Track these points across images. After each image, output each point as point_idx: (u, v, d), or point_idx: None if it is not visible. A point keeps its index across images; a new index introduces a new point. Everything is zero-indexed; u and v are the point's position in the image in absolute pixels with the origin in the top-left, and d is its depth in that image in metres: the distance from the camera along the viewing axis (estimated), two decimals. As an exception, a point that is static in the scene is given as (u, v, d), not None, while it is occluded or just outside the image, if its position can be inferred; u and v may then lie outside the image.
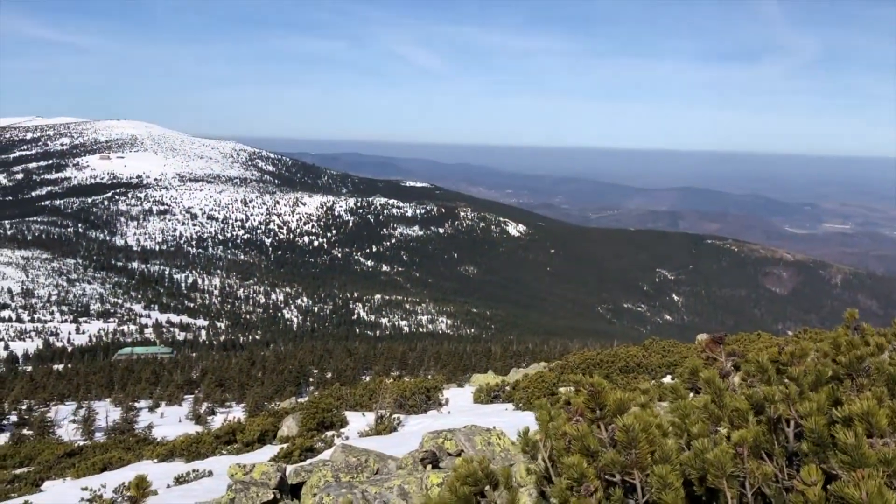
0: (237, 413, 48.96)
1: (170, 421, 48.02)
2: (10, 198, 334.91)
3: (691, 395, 4.40)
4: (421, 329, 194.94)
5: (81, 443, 33.17)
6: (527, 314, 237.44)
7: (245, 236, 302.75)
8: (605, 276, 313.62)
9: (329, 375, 71.92)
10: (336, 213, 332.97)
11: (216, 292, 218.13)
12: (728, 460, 3.20)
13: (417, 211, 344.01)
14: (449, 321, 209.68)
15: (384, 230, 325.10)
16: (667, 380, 20.24)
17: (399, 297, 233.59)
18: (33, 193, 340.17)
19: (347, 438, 16.16)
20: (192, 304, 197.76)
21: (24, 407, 53.11)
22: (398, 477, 7.05)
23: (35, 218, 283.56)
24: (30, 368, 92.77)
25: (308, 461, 12.17)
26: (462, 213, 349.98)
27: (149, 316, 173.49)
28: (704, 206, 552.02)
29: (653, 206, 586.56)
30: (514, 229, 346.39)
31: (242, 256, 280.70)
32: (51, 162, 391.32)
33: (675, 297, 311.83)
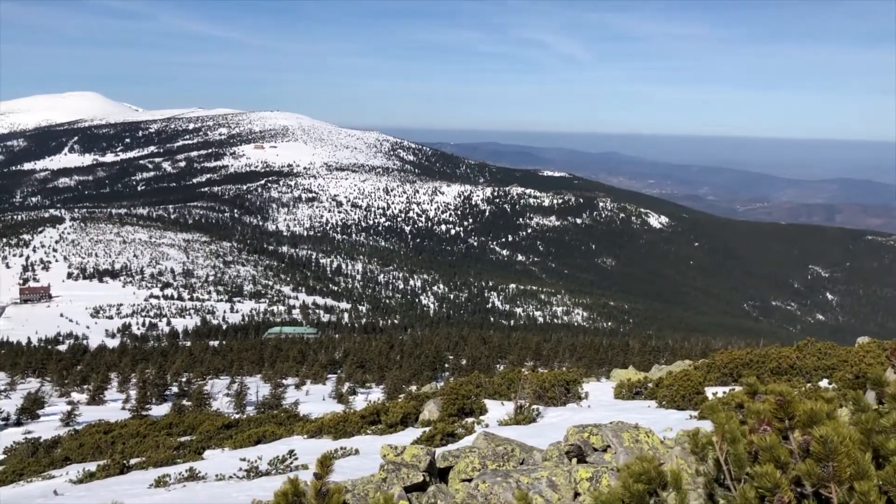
0: (377, 394, 50.53)
1: (314, 398, 50.10)
2: (174, 184, 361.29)
3: (872, 403, 4.11)
4: (556, 320, 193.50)
5: (235, 416, 35.33)
6: (667, 309, 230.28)
7: (386, 224, 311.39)
8: (752, 272, 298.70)
9: (464, 362, 72.79)
10: (473, 203, 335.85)
11: (358, 277, 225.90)
12: (942, 481, 2.89)
13: (555, 201, 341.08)
14: (585, 313, 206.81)
15: (520, 220, 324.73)
16: (823, 383, 19.08)
17: (534, 288, 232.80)
18: (194, 180, 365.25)
19: (487, 426, 16.30)
20: (336, 288, 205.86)
21: (184, 379, 57.18)
22: (545, 468, 7.04)
23: (195, 203, 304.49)
24: (189, 343, 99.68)
25: (452, 446, 12.39)
26: (601, 204, 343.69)
27: (296, 297, 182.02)
28: (865, 200, 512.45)
29: (806, 198, 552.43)
30: (656, 221, 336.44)
31: (383, 243, 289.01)
32: (210, 151, 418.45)
33: (830, 296, 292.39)
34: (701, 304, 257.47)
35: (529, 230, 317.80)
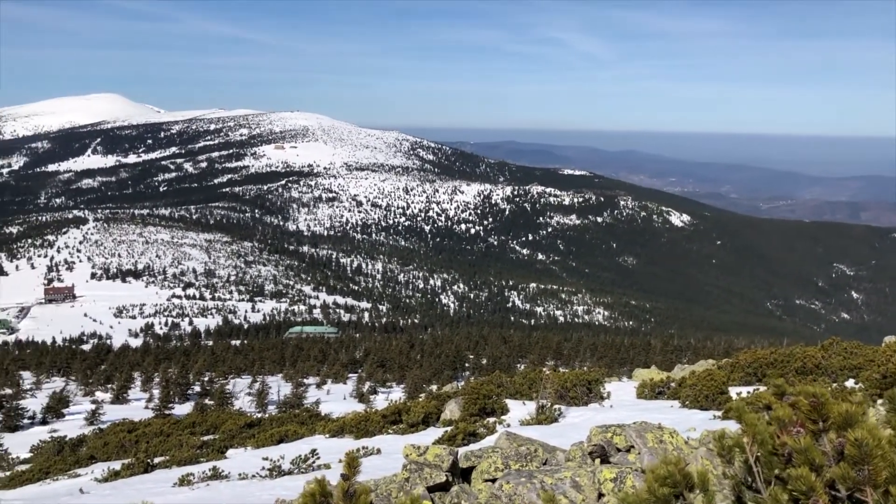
0: (397, 393, 50.59)
1: (335, 398, 50.29)
2: (196, 185, 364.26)
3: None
4: (577, 319, 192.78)
5: (257, 415, 35.55)
6: (689, 308, 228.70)
7: (406, 223, 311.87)
8: (775, 271, 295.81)
9: (484, 362, 72.75)
10: (493, 202, 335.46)
11: (378, 276, 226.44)
12: None
13: (575, 199, 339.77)
14: (606, 312, 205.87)
15: (540, 218, 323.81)
16: (849, 384, 18.85)
17: (554, 287, 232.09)
18: (215, 181, 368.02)
19: (509, 426, 16.27)
20: (356, 287, 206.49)
21: (206, 378, 57.58)
22: (568, 469, 7.01)
23: (217, 203, 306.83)
24: (211, 343, 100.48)
25: (474, 446, 12.38)
26: (622, 202, 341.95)
27: (317, 297, 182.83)
28: (891, 197, 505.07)
29: (831, 196, 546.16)
30: (678, 219, 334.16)
31: (403, 242, 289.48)
32: (231, 151, 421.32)
33: (855, 295, 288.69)
34: (723, 302, 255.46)
35: (550, 229, 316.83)
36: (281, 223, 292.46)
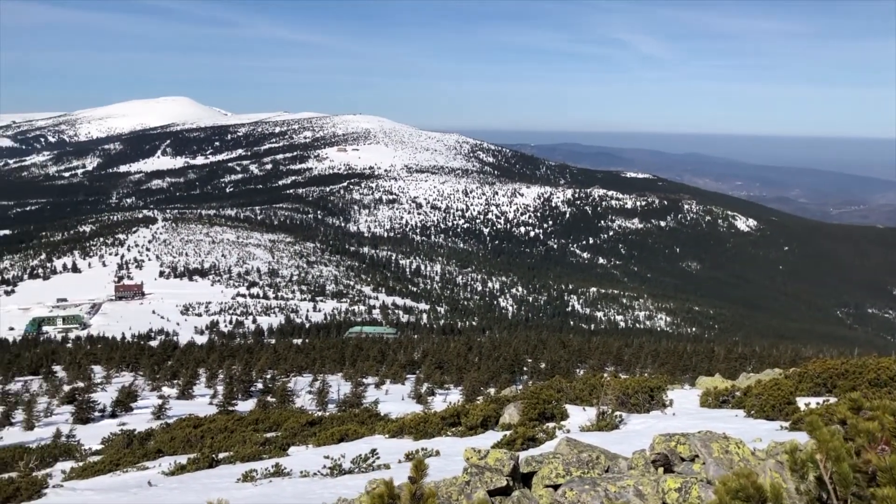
0: (455, 395, 50.60)
1: (393, 398, 50.54)
2: (261, 186, 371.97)
3: None
4: (638, 325, 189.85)
5: (317, 413, 36.02)
6: (754, 315, 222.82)
7: (465, 225, 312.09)
8: (846, 278, 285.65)
9: (542, 366, 72.11)
10: (553, 204, 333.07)
11: (437, 278, 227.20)
12: None
13: (637, 203, 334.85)
14: (668, 318, 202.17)
15: (601, 222, 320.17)
16: (926, 397, 18.06)
17: (615, 291, 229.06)
18: (279, 182, 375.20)
19: (568, 431, 16.14)
20: (415, 289, 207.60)
21: (268, 376, 58.63)
22: (631, 477, 6.92)
23: (281, 205, 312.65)
24: (273, 341, 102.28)
25: (535, 451, 12.32)
26: (686, 206, 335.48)
27: (376, 298, 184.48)
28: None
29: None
30: (744, 224, 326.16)
31: (462, 245, 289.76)
32: (295, 154, 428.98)
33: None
34: (790, 310, 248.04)
35: (611, 233, 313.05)
36: (342, 224, 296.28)
